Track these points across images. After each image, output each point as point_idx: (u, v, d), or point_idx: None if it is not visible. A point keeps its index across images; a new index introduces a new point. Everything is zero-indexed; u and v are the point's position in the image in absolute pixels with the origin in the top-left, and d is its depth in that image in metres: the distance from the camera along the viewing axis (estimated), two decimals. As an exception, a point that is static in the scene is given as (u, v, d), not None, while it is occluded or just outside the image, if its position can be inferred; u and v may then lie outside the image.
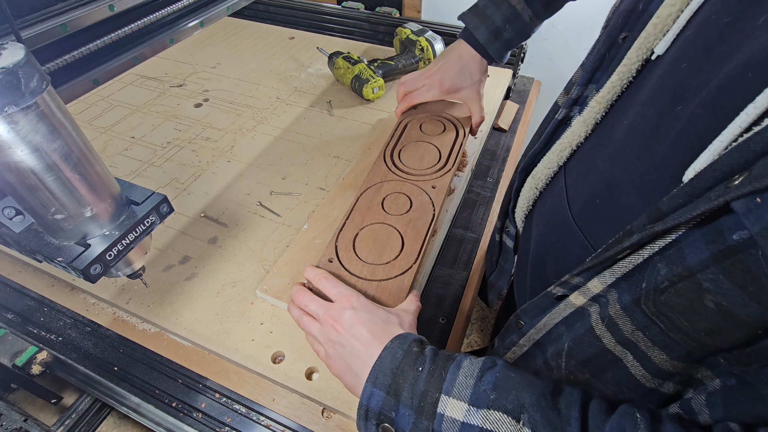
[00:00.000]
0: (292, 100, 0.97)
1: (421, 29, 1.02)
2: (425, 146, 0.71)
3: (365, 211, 0.60)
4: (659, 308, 0.29)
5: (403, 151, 0.70)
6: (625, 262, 0.31)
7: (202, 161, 0.82)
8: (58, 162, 0.38)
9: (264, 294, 0.58)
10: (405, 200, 0.61)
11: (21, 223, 0.44)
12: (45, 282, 0.64)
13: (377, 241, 0.56)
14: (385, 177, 0.65)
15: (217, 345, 0.55)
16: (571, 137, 0.44)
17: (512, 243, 0.58)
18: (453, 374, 0.37)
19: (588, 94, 0.45)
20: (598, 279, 0.34)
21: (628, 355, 0.33)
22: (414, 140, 0.72)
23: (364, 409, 0.38)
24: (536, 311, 0.42)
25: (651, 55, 0.36)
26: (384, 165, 0.67)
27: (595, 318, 0.35)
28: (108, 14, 0.63)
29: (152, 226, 0.47)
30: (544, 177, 0.48)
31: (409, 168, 0.67)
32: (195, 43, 1.17)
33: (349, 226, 0.58)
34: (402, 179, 0.64)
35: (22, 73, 0.33)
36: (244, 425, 0.51)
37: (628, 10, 0.40)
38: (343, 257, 0.54)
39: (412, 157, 0.68)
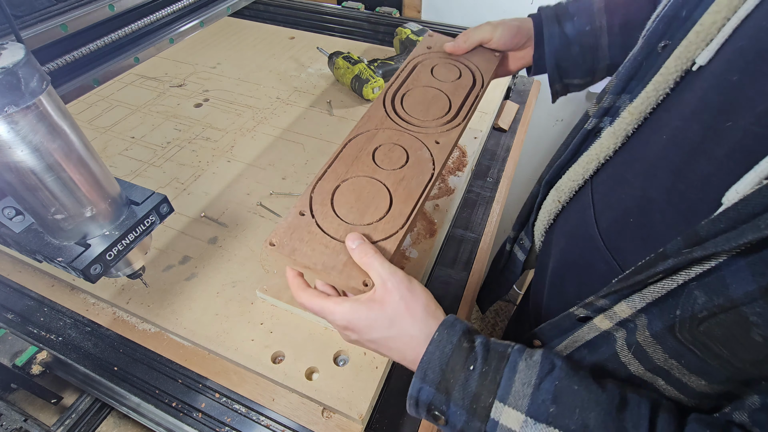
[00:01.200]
0: (292, 100, 0.97)
1: (421, 29, 1.02)
2: (434, 93, 0.59)
3: (351, 161, 0.50)
4: (697, 337, 0.27)
5: (407, 95, 0.58)
6: (657, 286, 0.29)
7: (202, 161, 0.82)
8: (58, 162, 0.38)
9: (264, 294, 0.59)
10: (401, 153, 0.51)
11: (21, 223, 0.44)
12: (45, 282, 0.64)
13: (361, 197, 0.47)
14: (381, 124, 0.54)
15: (217, 345, 0.55)
16: (599, 149, 0.41)
17: (523, 256, 0.56)
18: (508, 379, 0.34)
19: (620, 104, 0.42)
20: (627, 303, 0.32)
21: (660, 381, 0.32)
22: (422, 85, 0.60)
23: (414, 399, 0.37)
24: (556, 332, 0.40)
25: (692, 65, 0.34)
26: (382, 109, 0.56)
27: (621, 344, 0.33)
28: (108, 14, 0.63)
29: (152, 226, 0.47)
30: (568, 190, 0.46)
31: (411, 116, 0.56)
32: (195, 43, 1.17)
33: (330, 176, 0.48)
34: (401, 129, 0.54)
35: (22, 73, 0.33)
36: (244, 425, 0.51)
37: (670, 17, 0.37)
38: (318, 212, 0.45)
39: (417, 105, 0.57)
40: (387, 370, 0.54)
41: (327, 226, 0.44)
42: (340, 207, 0.46)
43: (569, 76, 0.61)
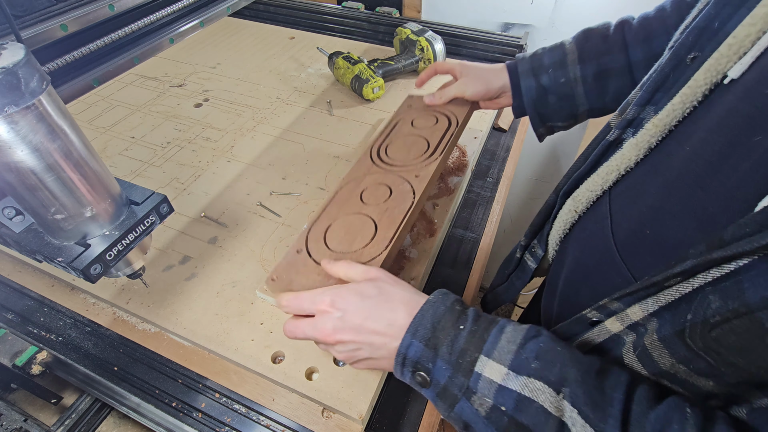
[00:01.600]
0: (292, 100, 0.97)
1: (421, 29, 1.02)
2: (414, 139, 0.66)
3: (342, 203, 0.57)
4: (708, 344, 0.27)
5: (391, 145, 0.66)
6: (672, 290, 0.29)
7: (202, 161, 0.82)
8: (58, 162, 0.38)
9: (264, 294, 0.58)
10: (385, 190, 0.58)
11: (21, 223, 0.44)
12: (45, 282, 0.64)
13: (350, 231, 0.53)
14: (368, 170, 0.61)
15: (217, 345, 0.55)
16: (620, 160, 0.41)
17: (534, 264, 0.56)
18: (495, 337, 0.36)
19: (645, 116, 0.41)
20: (640, 306, 0.32)
21: (664, 382, 0.32)
22: (403, 135, 0.68)
23: (402, 356, 0.38)
24: (566, 335, 0.40)
25: (723, 78, 0.33)
26: (369, 160, 0.63)
27: (628, 347, 0.33)
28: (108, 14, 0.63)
29: (152, 226, 0.47)
30: (585, 200, 0.45)
31: (394, 160, 0.63)
32: (195, 43, 1.17)
33: (324, 218, 0.55)
34: (384, 170, 0.61)
35: (22, 73, 0.33)
36: (244, 425, 0.51)
37: (701, 28, 0.37)
38: (313, 248, 0.51)
39: (399, 150, 0.65)
40: (387, 370, 0.54)
41: (319, 258, 0.49)
42: (331, 241, 0.52)
43: (551, 120, 0.65)
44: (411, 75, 1.05)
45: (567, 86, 0.60)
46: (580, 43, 0.60)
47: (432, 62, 1.01)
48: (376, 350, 0.40)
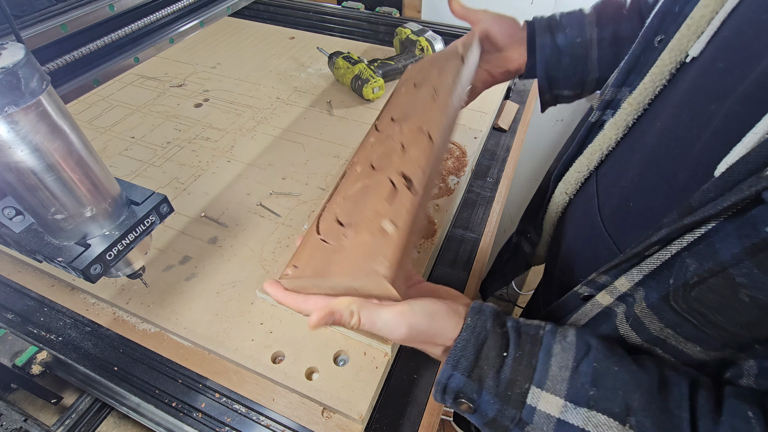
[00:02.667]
0: (292, 100, 0.97)
1: (421, 29, 1.02)
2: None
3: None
4: (690, 305, 0.28)
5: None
6: (653, 258, 0.30)
7: (202, 161, 0.82)
8: (58, 162, 0.38)
9: (264, 294, 0.59)
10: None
11: (21, 223, 0.44)
12: (45, 282, 0.64)
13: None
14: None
15: (217, 345, 0.55)
16: (602, 141, 0.43)
17: (530, 249, 0.57)
18: (544, 363, 0.33)
19: (621, 96, 0.44)
20: (626, 277, 0.33)
21: (657, 350, 0.33)
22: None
23: (442, 386, 0.35)
24: (562, 312, 0.41)
25: (686, 57, 0.36)
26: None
27: (621, 318, 0.34)
28: (108, 14, 0.63)
29: (152, 226, 0.47)
30: (574, 182, 0.47)
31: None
32: (195, 43, 1.17)
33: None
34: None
35: (22, 73, 0.33)
36: (244, 425, 0.51)
37: (664, 12, 0.39)
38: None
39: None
40: (387, 370, 0.54)
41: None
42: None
43: (558, 86, 0.61)
44: (411, 75, 1.05)
45: (582, 47, 0.58)
46: (599, 9, 0.59)
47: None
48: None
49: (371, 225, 0.37)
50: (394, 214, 0.37)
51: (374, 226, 0.37)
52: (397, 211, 0.37)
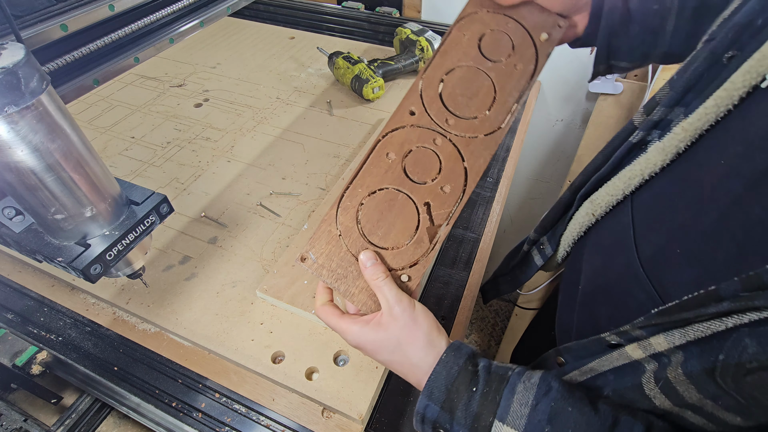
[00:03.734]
0: (292, 100, 0.97)
1: (421, 29, 1.02)
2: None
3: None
4: (742, 387, 0.25)
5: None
6: (702, 326, 0.27)
7: (202, 161, 0.82)
8: (58, 162, 0.38)
9: (264, 294, 0.58)
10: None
11: (21, 223, 0.44)
12: (45, 282, 0.64)
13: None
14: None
15: (217, 345, 0.55)
16: (644, 165, 0.38)
17: (541, 261, 0.54)
18: (507, 400, 0.35)
19: (673, 118, 0.38)
20: (665, 336, 0.30)
21: (687, 413, 0.30)
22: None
23: (420, 416, 0.38)
24: (583, 353, 0.39)
25: (761, 81, 0.31)
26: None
27: (649, 376, 0.32)
28: (108, 14, 0.63)
29: (152, 226, 0.47)
30: (605, 204, 0.43)
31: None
32: (195, 43, 1.17)
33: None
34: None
35: (22, 73, 0.33)
36: (244, 425, 0.51)
37: (742, 25, 0.33)
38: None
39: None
40: (387, 370, 0.54)
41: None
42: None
43: (618, 57, 0.53)
44: (411, 75, 1.05)
45: (658, 16, 0.49)
46: None
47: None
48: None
49: None
50: (411, 260, 0.44)
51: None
52: (414, 258, 0.44)
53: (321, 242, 0.43)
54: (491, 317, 1.90)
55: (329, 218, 0.44)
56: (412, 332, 0.39)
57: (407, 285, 0.43)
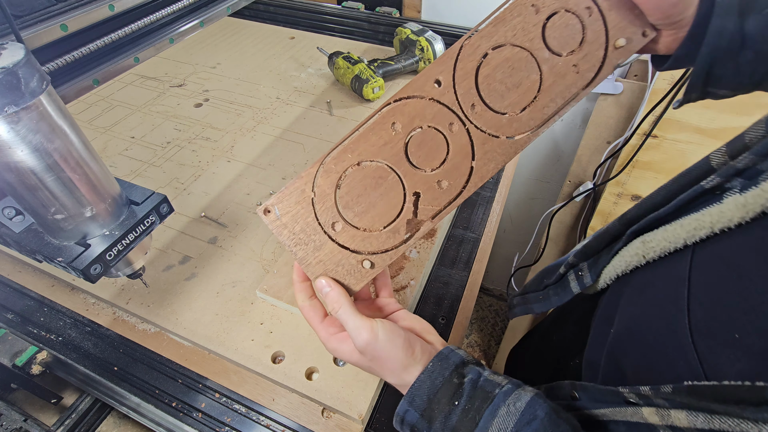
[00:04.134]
0: (292, 100, 0.97)
1: (421, 29, 1.02)
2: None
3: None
4: None
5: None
6: (733, 421, 0.25)
7: (202, 161, 0.82)
8: (58, 162, 0.38)
9: (264, 294, 0.59)
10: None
11: (21, 223, 0.44)
12: (45, 282, 0.64)
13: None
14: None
15: (217, 345, 0.55)
16: (716, 217, 0.33)
17: (578, 289, 0.50)
18: (486, 422, 0.34)
19: (764, 169, 0.32)
20: (688, 415, 0.27)
21: None
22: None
23: (400, 417, 0.38)
24: (599, 398, 0.37)
25: None
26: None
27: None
28: (108, 14, 0.63)
29: (152, 226, 0.47)
30: (659, 250, 0.38)
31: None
32: (195, 43, 1.17)
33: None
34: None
35: (22, 73, 0.33)
36: (244, 425, 0.51)
37: None
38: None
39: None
40: (387, 370, 0.54)
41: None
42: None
43: (720, 85, 0.42)
44: (411, 75, 1.05)
45: None
46: None
47: (432, 62, 1.01)
48: None
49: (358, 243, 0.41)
50: (380, 247, 0.40)
51: (360, 246, 0.40)
52: (383, 247, 0.40)
53: (290, 200, 0.40)
54: (491, 317, 1.90)
55: (307, 177, 0.40)
56: (381, 363, 0.38)
57: (367, 272, 0.40)
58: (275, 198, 0.40)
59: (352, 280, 0.40)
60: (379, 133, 0.40)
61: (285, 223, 0.40)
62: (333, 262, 0.40)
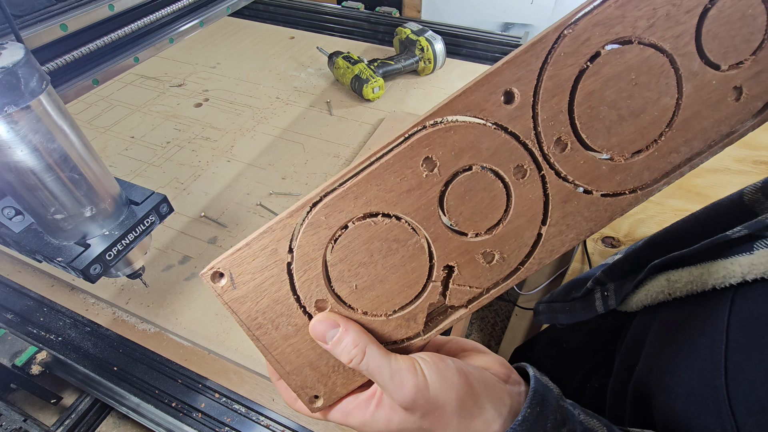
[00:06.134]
0: (292, 99, 0.97)
1: (421, 29, 1.02)
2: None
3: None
4: None
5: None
6: None
7: (201, 161, 0.82)
8: (58, 162, 0.38)
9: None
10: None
11: (21, 223, 0.44)
12: (45, 282, 0.64)
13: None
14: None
15: (216, 345, 0.55)
16: (747, 268, 0.30)
17: (603, 309, 0.47)
18: None
19: None
20: None
21: None
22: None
23: None
24: None
25: None
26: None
27: None
28: (108, 14, 0.63)
29: (152, 226, 0.47)
30: (685, 291, 0.35)
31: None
32: (195, 42, 1.17)
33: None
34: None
35: (22, 73, 0.33)
36: (244, 425, 0.51)
37: None
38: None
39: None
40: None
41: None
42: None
43: None
44: (411, 75, 1.05)
45: None
46: None
47: (432, 62, 1.01)
48: None
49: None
50: (386, 338, 0.29)
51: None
52: (392, 338, 0.29)
53: (255, 263, 0.27)
54: (491, 317, 1.90)
55: (282, 229, 0.26)
56: (438, 417, 0.26)
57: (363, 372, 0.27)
58: (230, 257, 0.27)
59: (340, 380, 0.29)
60: (402, 172, 0.26)
61: (244, 296, 0.28)
62: (314, 354, 0.28)
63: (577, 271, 1.09)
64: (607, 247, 1.05)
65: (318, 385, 0.29)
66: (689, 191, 0.98)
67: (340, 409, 0.29)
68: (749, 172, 0.89)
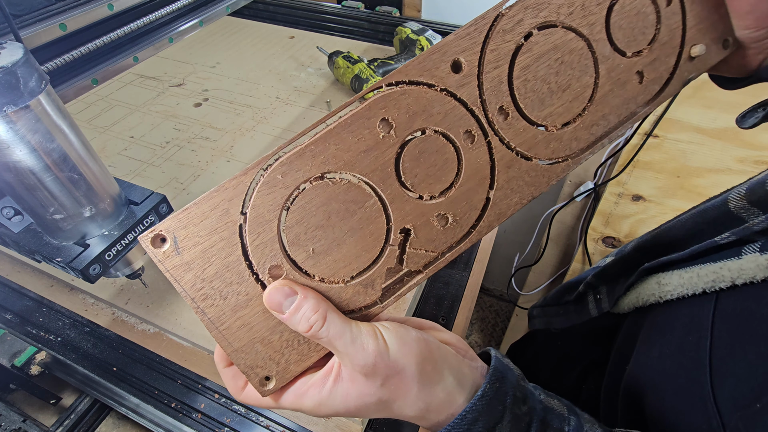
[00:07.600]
0: (292, 99, 0.97)
1: (422, 28, 1.02)
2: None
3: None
4: None
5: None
6: None
7: (201, 161, 0.82)
8: (57, 162, 0.37)
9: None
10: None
11: (20, 223, 0.44)
12: (44, 282, 0.64)
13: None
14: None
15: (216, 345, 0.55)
16: (737, 273, 0.30)
17: (596, 312, 0.48)
18: None
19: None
20: None
21: None
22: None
23: None
24: None
25: None
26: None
27: None
28: (107, 14, 0.63)
29: (151, 226, 0.47)
30: (676, 294, 0.36)
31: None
32: (194, 42, 1.16)
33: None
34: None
35: (21, 72, 0.33)
36: (244, 425, 0.51)
37: None
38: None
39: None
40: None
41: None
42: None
43: None
44: (411, 75, 1.04)
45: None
46: None
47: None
48: None
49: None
50: (344, 305, 0.28)
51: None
52: (350, 306, 0.28)
53: (203, 224, 0.25)
54: (491, 317, 1.90)
55: (234, 188, 0.25)
56: (398, 383, 0.26)
57: (319, 345, 0.27)
58: (175, 218, 0.25)
59: (294, 355, 0.27)
60: (359, 132, 0.26)
61: (188, 262, 0.25)
62: (266, 327, 0.26)
63: (577, 271, 1.09)
64: (607, 247, 1.05)
65: (270, 364, 0.27)
66: (690, 191, 0.98)
67: (294, 391, 0.27)
68: (750, 172, 0.88)
